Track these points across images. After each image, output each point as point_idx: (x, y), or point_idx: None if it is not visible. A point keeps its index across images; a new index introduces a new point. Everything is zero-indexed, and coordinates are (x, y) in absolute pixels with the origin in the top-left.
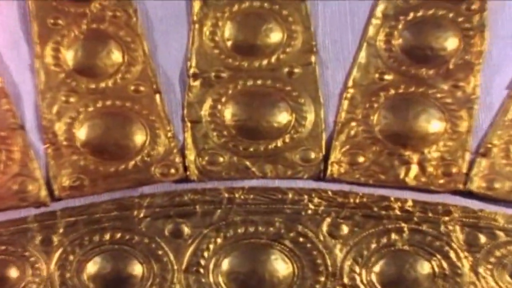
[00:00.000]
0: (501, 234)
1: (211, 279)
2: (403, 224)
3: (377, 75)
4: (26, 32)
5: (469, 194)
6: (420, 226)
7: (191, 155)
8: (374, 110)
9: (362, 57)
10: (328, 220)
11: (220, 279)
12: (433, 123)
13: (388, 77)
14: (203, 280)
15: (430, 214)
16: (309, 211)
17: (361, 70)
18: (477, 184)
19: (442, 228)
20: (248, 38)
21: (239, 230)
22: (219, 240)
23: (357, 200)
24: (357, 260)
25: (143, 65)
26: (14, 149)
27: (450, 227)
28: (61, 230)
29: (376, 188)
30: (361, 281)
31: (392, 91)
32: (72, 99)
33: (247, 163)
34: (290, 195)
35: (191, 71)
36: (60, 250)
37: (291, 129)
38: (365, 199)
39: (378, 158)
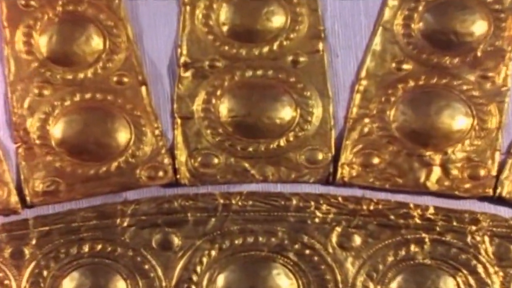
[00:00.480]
0: None
1: None
2: (424, 235)
3: (394, 65)
4: None
5: (499, 200)
6: (443, 237)
7: (181, 156)
8: (391, 104)
9: (377, 43)
10: (338, 229)
11: None
12: (458, 119)
13: (406, 66)
14: None
15: (454, 223)
16: (316, 220)
17: (375, 59)
18: (508, 188)
19: (469, 239)
20: (246, 23)
21: (237, 241)
22: (213, 253)
23: (371, 207)
24: (372, 276)
25: (127, 53)
26: None
27: (478, 238)
28: (33, 242)
29: (393, 194)
30: None
31: (411, 83)
32: (46, 92)
33: (246, 165)
34: (294, 201)
35: (182, 60)
36: (32, 264)
37: (295, 126)
38: (381, 206)
39: (395, 159)
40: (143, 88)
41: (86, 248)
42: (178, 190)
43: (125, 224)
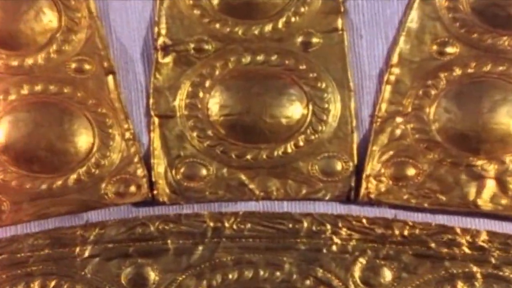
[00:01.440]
0: None
1: None
2: (475, 268)
3: (435, 47)
4: None
5: None
6: (500, 271)
7: (159, 166)
8: (431, 99)
9: (413, 19)
10: (362, 261)
11: None
12: None
13: (451, 49)
14: None
15: None
16: (334, 248)
17: (411, 40)
18: None
19: None
20: None
21: (231, 276)
22: None
23: (406, 232)
24: None
25: (88, 32)
26: None
27: None
28: None
29: (433, 215)
30: None
31: (458, 71)
32: None
33: (243, 177)
34: (305, 224)
35: (160, 41)
36: None
37: (306, 127)
38: (418, 231)
39: (436, 170)
40: (110, 78)
41: (36, 286)
42: (155, 210)
43: (86, 254)
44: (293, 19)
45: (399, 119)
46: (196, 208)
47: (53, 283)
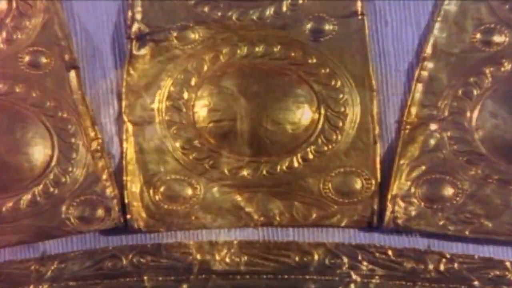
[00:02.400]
0: None
1: None
2: None
3: (479, 36)
4: None
5: None
6: None
7: (134, 184)
8: (474, 101)
9: (451, 1)
10: None
11: None
12: None
13: (499, 38)
14: None
15: None
16: (352, 286)
17: (448, 27)
18: None
19: None
20: None
21: None
22: None
23: (442, 267)
24: None
25: (45, 16)
26: None
27: None
28: None
29: (477, 245)
30: None
31: (507, 66)
32: None
33: (238, 198)
34: (316, 257)
35: (135, 28)
36: None
37: (317, 136)
38: (457, 265)
39: (480, 190)
40: (72, 74)
41: None
42: (128, 239)
43: None
44: (300, 1)
45: (433, 126)
46: (180, 236)
47: None
